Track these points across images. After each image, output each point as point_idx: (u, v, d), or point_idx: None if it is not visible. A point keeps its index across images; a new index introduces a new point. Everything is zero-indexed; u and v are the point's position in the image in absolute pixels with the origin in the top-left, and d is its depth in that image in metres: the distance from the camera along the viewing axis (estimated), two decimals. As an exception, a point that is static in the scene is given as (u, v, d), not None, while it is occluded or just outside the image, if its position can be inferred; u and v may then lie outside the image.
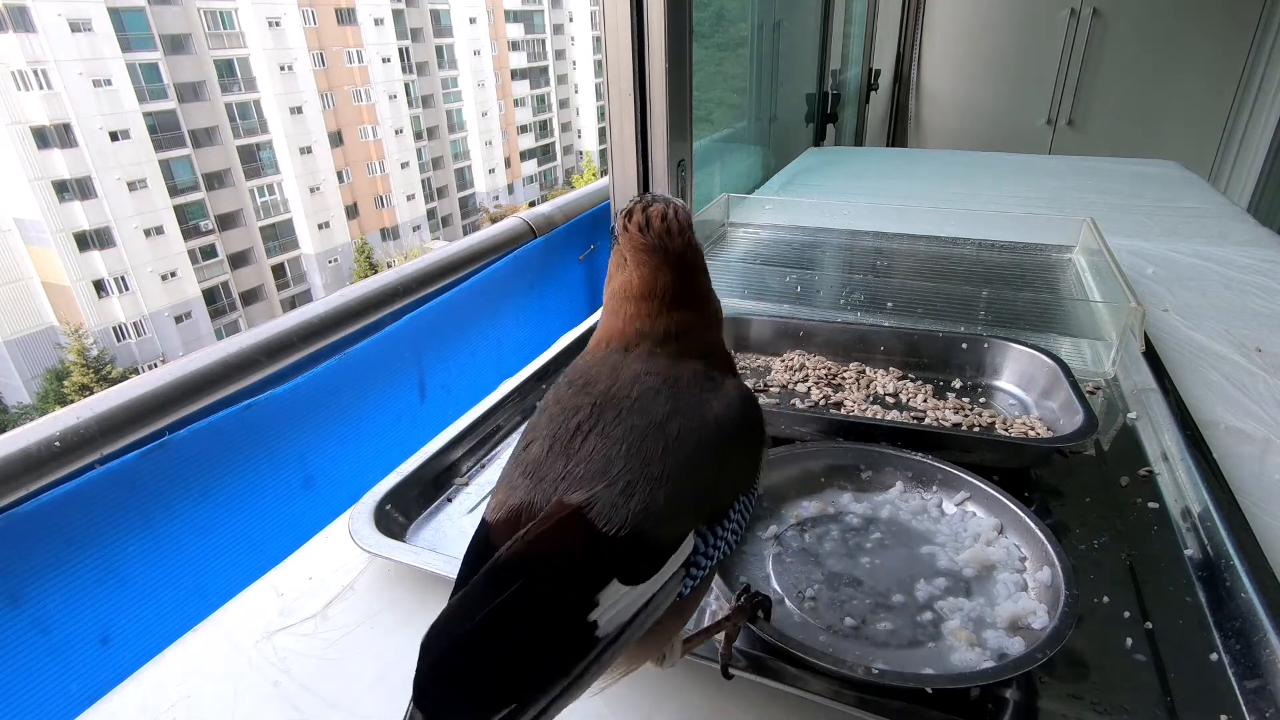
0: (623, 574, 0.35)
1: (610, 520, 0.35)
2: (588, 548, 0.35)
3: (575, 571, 0.34)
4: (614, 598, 0.34)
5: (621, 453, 0.38)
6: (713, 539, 0.39)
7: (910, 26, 3.70)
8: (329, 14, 23.74)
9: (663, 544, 0.36)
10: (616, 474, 0.37)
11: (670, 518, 0.37)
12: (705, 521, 0.39)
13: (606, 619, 0.34)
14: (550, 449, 0.39)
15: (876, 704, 0.46)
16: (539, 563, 0.34)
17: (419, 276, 1.04)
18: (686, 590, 0.38)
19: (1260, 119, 3.12)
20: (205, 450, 0.73)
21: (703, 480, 0.39)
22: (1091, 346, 0.95)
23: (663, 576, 0.36)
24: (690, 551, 0.38)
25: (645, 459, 0.38)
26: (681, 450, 0.38)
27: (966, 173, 2.12)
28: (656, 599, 0.36)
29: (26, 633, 0.60)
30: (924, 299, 0.99)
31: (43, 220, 18.08)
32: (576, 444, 0.39)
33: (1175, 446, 0.71)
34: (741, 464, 0.42)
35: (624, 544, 0.35)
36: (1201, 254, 1.38)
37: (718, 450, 0.40)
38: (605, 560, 0.35)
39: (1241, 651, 0.50)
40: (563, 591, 0.34)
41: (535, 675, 0.32)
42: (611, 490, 0.36)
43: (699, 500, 0.39)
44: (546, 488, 0.38)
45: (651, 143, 1.26)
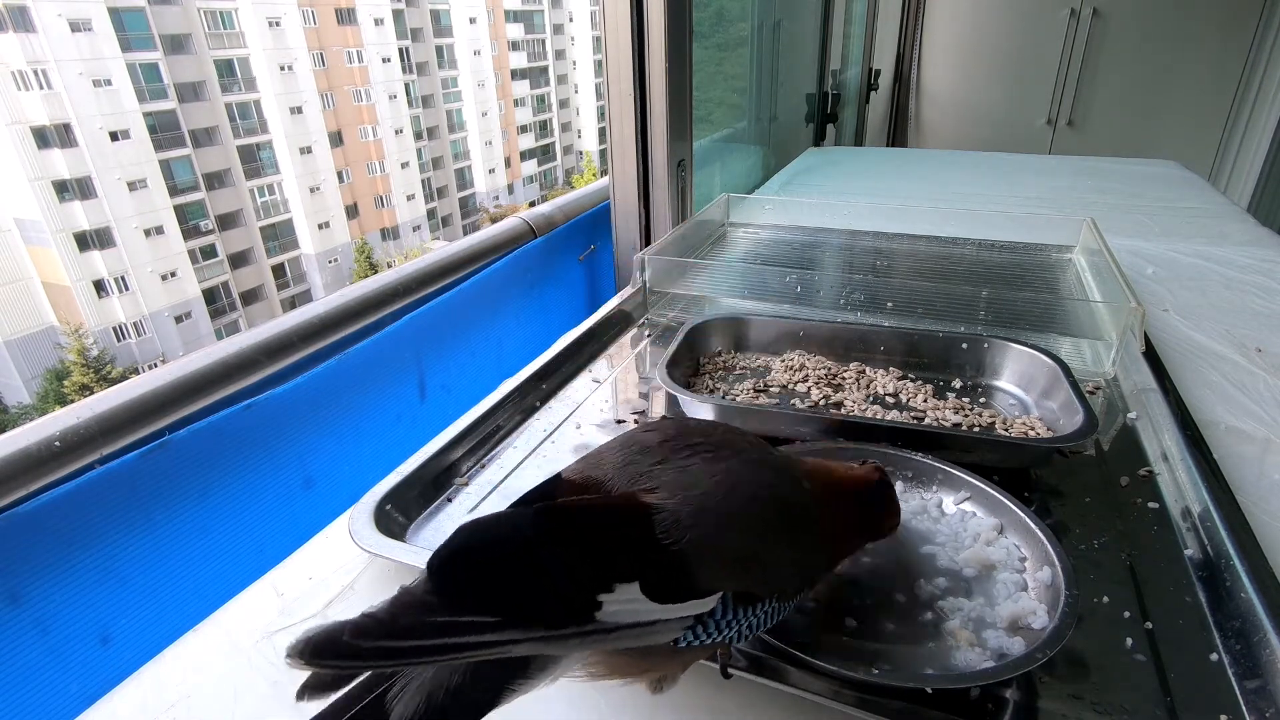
0: (646, 583, 0.35)
1: (667, 532, 0.36)
2: (635, 541, 0.36)
3: (612, 553, 0.36)
4: (626, 596, 0.35)
5: (709, 482, 0.39)
6: (731, 615, 0.39)
7: (910, 26, 3.70)
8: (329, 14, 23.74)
9: (694, 583, 0.37)
10: (695, 496, 0.38)
11: (713, 565, 0.37)
12: (735, 594, 0.39)
13: (611, 609, 0.34)
14: (660, 444, 0.41)
15: (876, 704, 0.46)
16: (591, 525, 0.36)
17: (419, 276, 1.04)
18: (683, 643, 0.38)
19: (1260, 119, 3.12)
20: (205, 450, 0.73)
21: (757, 558, 0.40)
22: (1091, 346, 0.95)
23: (674, 611, 0.36)
24: (708, 610, 0.38)
25: (727, 501, 0.39)
26: (758, 520, 0.40)
27: (966, 173, 2.12)
28: (657, 627, 0.36)
29: (26, 633, 0.60)
30: (924, 299, 0.99)
31: (43, 220, 18.09)
32: (683, 455, 0.41)
33: (1175, 446, 0.71)
34: (791, 576, 0.43)
35: (665, 559, 0.36)
36: (1202, 254, 1.38)
37: (785, 549, 0.41)
38: (642, 561, 0.36)
39: (1241, 651, 0.50)
40: (591, 562, 0.35)
41: (528, 610, 0.33)
42: (683, 508, 0.37)
43: (744, 569, 0.39)
44: (628, 478, 0.39)
45: (651, 143, 1.26)
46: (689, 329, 0.93)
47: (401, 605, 0.32)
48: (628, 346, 1.04)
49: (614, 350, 1.02)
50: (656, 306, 1.15)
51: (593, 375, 0.94)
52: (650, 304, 1.14)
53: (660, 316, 1.13)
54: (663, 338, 1.05)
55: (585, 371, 0.95)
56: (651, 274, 1.12)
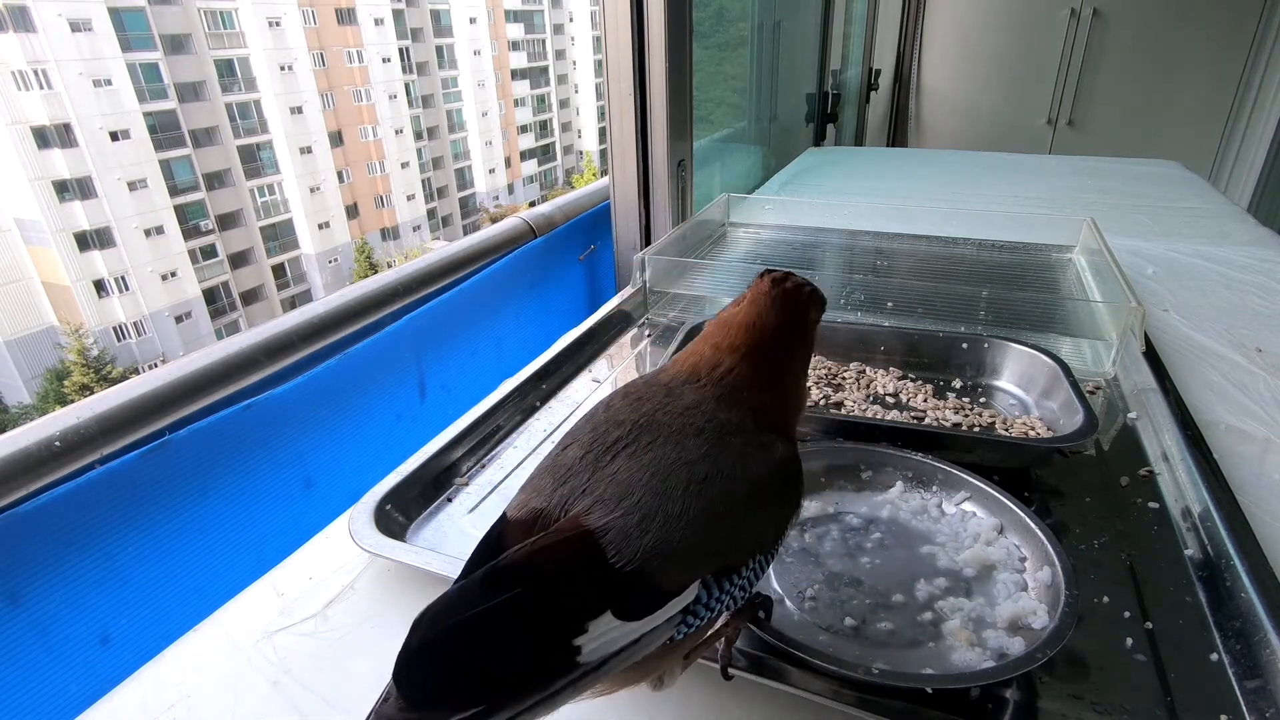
0: (618, 608, 0.34)
1: (620, 552, 0.35)
2: (589, 575, 0.35)
3: (571, 596, 0.34)
4: (604, 628, 0.34)
5: (644, 481, 0.37)
6: (718, 592, 0.38)
7: (910, 26, 3.70)
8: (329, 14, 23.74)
9: (665, 587, 0.36)
10: (635, 503, 0.36)
11: (679, 562, 0.36)
12: (714, 572, 0.38)
13: (591, 648, 0.33)
14: (582, 458, 0.39)
15: (876, 704, 0.46)
16: (538, 577, 0.34)
17: (419, 276, 1.04)
18: (679, 635, 0.38)
19: (1260, 119, 3.12)
20: (205, 450, 0.73)
21: (721, 532, 0.38)
22: (1092, 346, 0.95)
23: (658, 619, 0.36)
24: (692, 600, 0.37)
25: (667, 494, 0.37)
26: (705, 495, 0.38)
27: (966, 173, 2.12)
28: (647, 638, 0.36)
29: (26, 633, 0.60)
30: (924, 299, 0.99)
31: (43, 220, 18.09)
32: (606, 460, 0.39)
33: (1175, 446, 0.71)
34: (765, 526, 0.41)
35: (626, 579, 0.35)
36: (1202, 254, 1.38)
37: (743, 506, 0.39)
38: (603, 591, 0.34)
39: (1241, 651, 0.50)
40: (554, 612, 0.34)
41: (510, 684, 0.32)
42: (628, 520, 0.36)
43: (712, 551, 0.38)
44: (568, 498, 0.38)
45: (651, 143, 1.26)
46: (689, 329, 0.93)
47: None
48: (628, 346, 1.04)
49: (614, 350, 1.02)
50: (656, 306, 1.15)
51: (593, 375, 0.94)
52: (650, 304, 1.14)
53: (660, 316, 1.13)
54: (663, 338, 1.05)
55: (585, 371, 0.95)
56: (651, 274, 1.12)
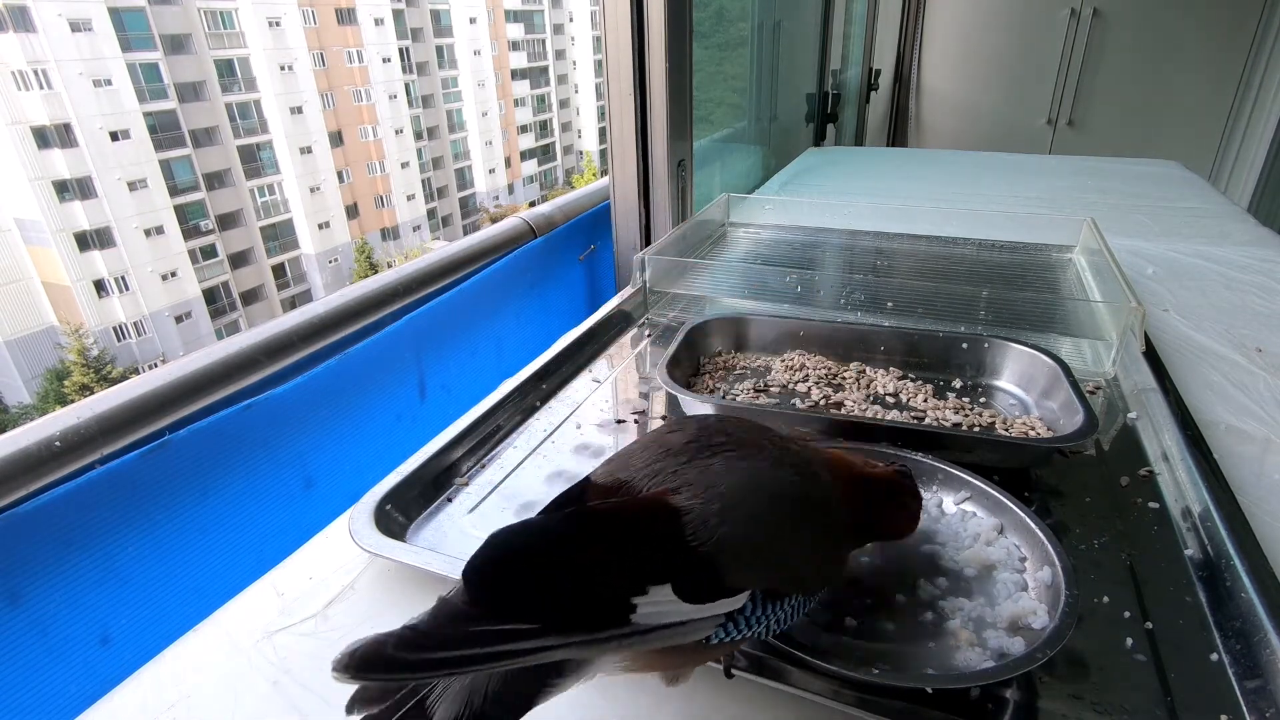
0: (678, 584, 0.36)
1: (696, 533, 0.37)
2: (665, 543, 0.37)
3: (643, 556, 0.36)
4: (661, 598, 0.36)
5: (734, 482, 0.40)
6: (760, 612, 0.39)
7: (910, 26, 3.70)
8: (329, 14, 23.74)
9: (723, 583, 0.37)
10: (718, 494, 0.39)
11: (742, 562, 0.38)
12: (765, 590, 0.39)
13: (645, 611, 0.35)
14: (684, 446, 0.42)
15: (876, 704, 0.46)
16: (620, 529, 0.37)
17: (419, 276, 1.04)
18: (715, 640, 0.39)
19: (1260, 119, 3.12)
20: (205, 450, 0.73)
21: (781, 553, 0.40)
22: (1092, 346, 0.95)
23: (706, 610, 0.37)
24: (738, 607, 0.38)
25: (748, 501, 0.39)
26: (779, 515, 0.40)
27: (966, 173, 2.12)
28: (692, 625, 0.37)
29: (26, 633, 0.60)
30: (924, 299, 0.99)
31: (43, 220, 18.09)
32: (704, 456, 0.41)
33: (1175, 446, 0.71)
34: (813, 572, 0.43)
35: (695, 560, 0.37)
36: (1202, 254, 1.38)
37: (805, 543, 0.42)
38: (672, 563, 0.36)
39: (1242, 651, 0.50)
40: (625, 565, 0.36)
41: (570, 615, 0.34)
42: (709, 507, 0.38)
43: (770, 567, 0.40)
44: (655, 479, 0.40)
45: (651, 143, 1.26)
46: (689, 329, 0.93)
47: (442, 616, 0.33)
48: (628, 346, 1.04)
49: (614, 350, 1.02)
50: (656, 306, 1.15)
51: (593, 375, 0.94)
52: (650, 304, 1.14)
53: (660, 316, 1.13)
54: (663, 338, 1.05)
55: (585, 371, 0.95)
56: (651, 274, 1.12)
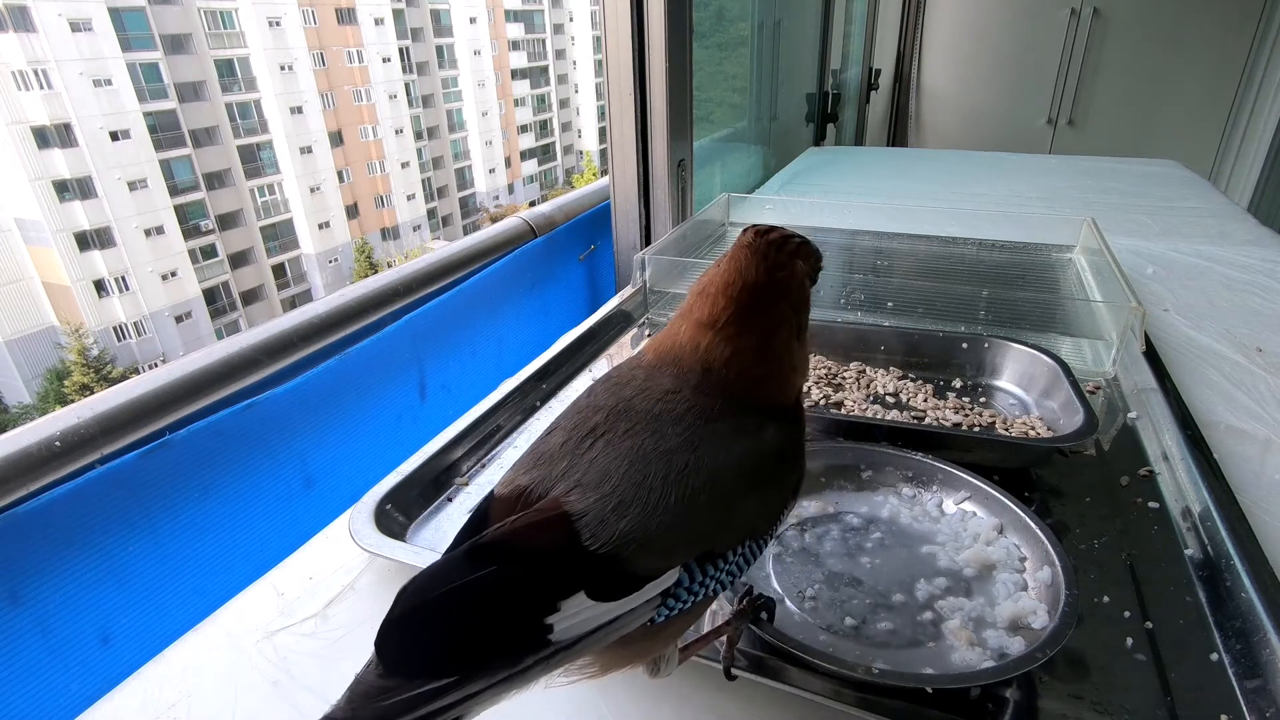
0: (591, 589, 0.35)
1: (595, 535, 0.35)
2: (563, 555, 0.35)
3: (544, 574, 0.35)
4: (576, 608, 0.34)
5: (621, 469, 0.37)
6: (701, 576, 0.38)
7: (910, 26, 3.70)
8: (329, 14, 23.74)
9: (641, 571, 0.36)
10: (611, 489, 0.37)
11: (656, 547, 0.36)
12: (697, 557, 0.38)
13: (564, 626, 0.34)
14: (564, 444, 0.40)
15: (877, 704, 0.46)
16: (514, 555, 0.35)
17: (419, 276, 1.04)
18: (660, 618, 0.38)
19: (1260, 119, 3.12)
20: (205, 450, 0.73)
21: (703, 519, 0.38)
22: (1092, 346, 0.95)
23: (633, 601, 0.36)
24: (672, 583, 0.37)
25: (643, 482, 0.37)
26: (685, 484, 0.37)
27: (967, 173, 2.12)
28: (623, 619, 0.36)
29: (27, 633, 0.60)
30: (924, 299, 0.99)
31: (43, 220, 18.09)
32: (585, 447, 0.39)
33: (1175, 446, 0.71)
34: (755, 510, 0.41)
35: (600, 562, 0.35)
36: (1202, 254, 1.38)
37: (728, 493, 0.39)
38: (577, 572, 0.35)
39: (1242, 651, 0.50)
40: (527, 589, 0.34)
41: (482, 657, 0.33)
42: (604, 504, 0.36)
43: (693, 537, 0.38)
44: (552, 481, 0.38)
45: (651, 142, 1.26)
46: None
47: (357, 698, 0.32)
48: (628, 346, 1.04)
49: (614, 350, 1.02)
50: (657, 306, 1.15)
51: (593, 375, 0.94)
52: (650, 304, 1.14)
53: (661, 316, 1.13)
54: (663, 337, 1.05)
55: (585, 371, 0.95)
56: (652, 274, 1.12)
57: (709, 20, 1.75)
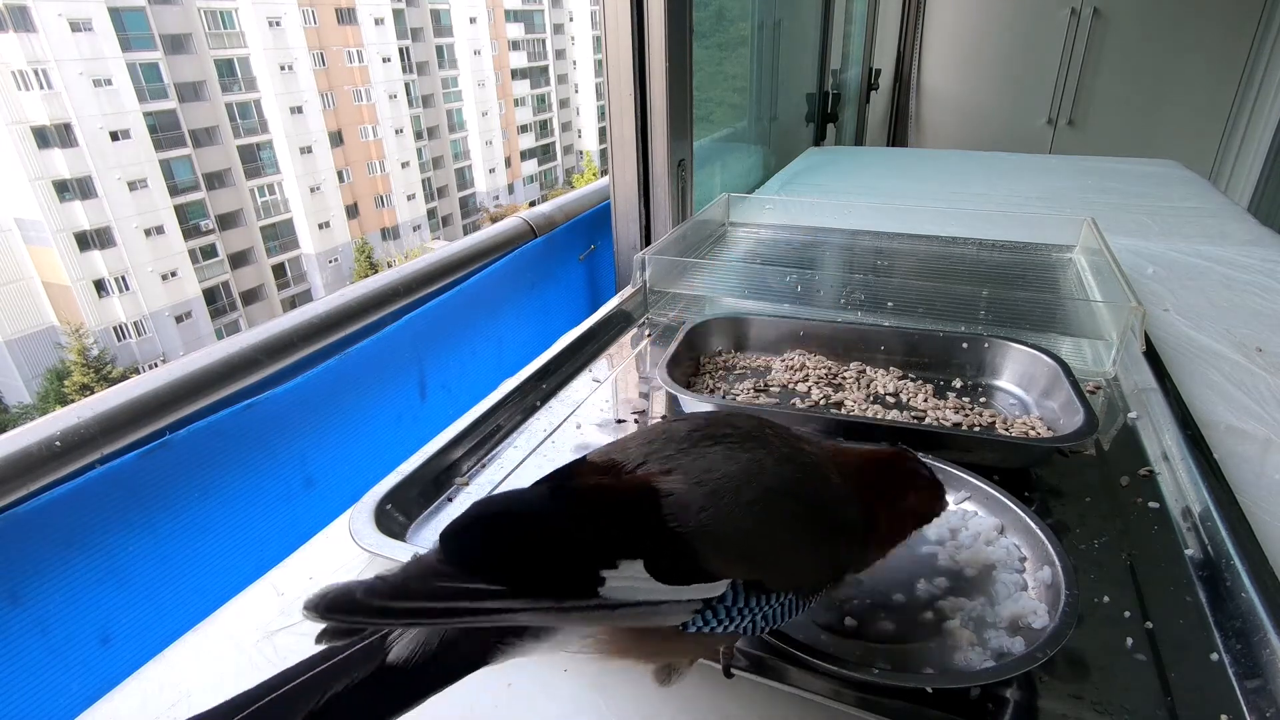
0: (650, 562, 0.36)
1: (675, 514, 0.37)
2: (639, 519, 0.37)
3: (615, 531, 0.37)
4: (631, 573, 0.35)
5: (728, 472, 0.40)
6: (742, 603, 0.39)
7: (911, 26, 3.70)
8: (329, 14, 23.73)
9: (700, 566, 0.37)
10: (709, 480, 0.39)
11: (722, 551, 0.38)
12: (748, 582, 0.39)
13: (614, 585, 0.35)
14: (685, 435, 0.42)
15: (877, 704, 0.46)
16: (598, 505, 0.38)
17: (419, 276, 1.04)
18: (691, 628, 0.38)
19: (1260, 119, 3.12)
20: (206, 450, 0.73)
21: (769, 547, 0.40)
22: (1092, 346, 0.95)
23: (679, 594, 0.37)
24: (717, 596, 0.38)
25: (740, 491, 0.39)
26: (772, 509, 0.40)
27: (967, 172, 2.12)
28: (665, 607, 0.37)
29: (27, 632, 0.60)
30: (924, 299, 0.99)
31: (43, 220, 18.08)
32: (704, 445, 0.41)
33: (1176, 446, 0.71)
34: (810, 570, 0.43)
35: (669, 540, 0.37)
36: (1202, 254, 1.38)
37: (798, 537, 0.41)
38: (644, 539, 0.37)
39: (1242, 651, 0.50)
40: (596, 538, 0.36)
41: (534, 581, 0.34)
42: (693, 494, 0.38)
43: (755, 558, 0.39)
44: (652, 461, 0.40)
45: (651, 142, 1.26)
46: (689, 329, 0.93)
47: (412, 570, 0.34)
48: (628, 346, 1.04)
49: (614, 350, 1.02)
50: (657, 306, 1.15)
51: (593, 375, 0.94)
52: (650, 304, 1.14)
53: (661, 316, 1.13)
54: (663, 337, 1.05)
55: (585, 371, 0.95)
56: (652, 274, 1.12)
57: (709, 20, 1.75)
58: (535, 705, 0.49)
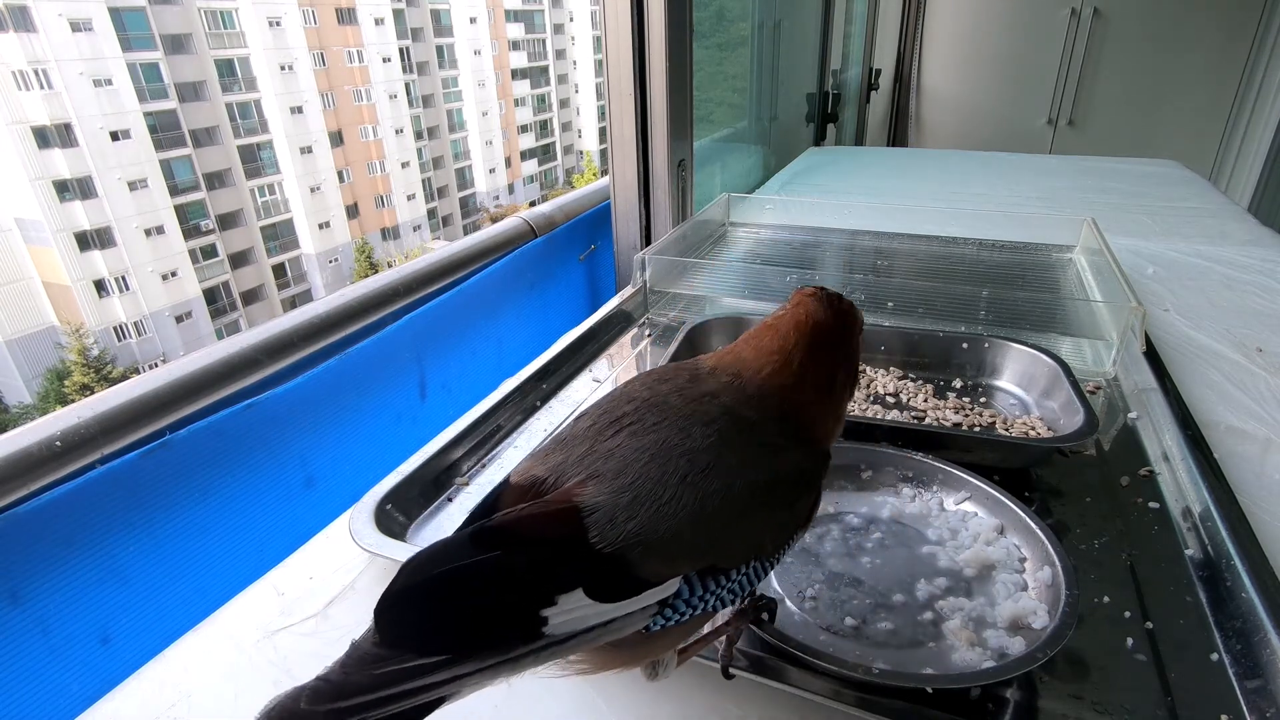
0: (590, 587, 0.34)
1: (602, 533, 0.35)
2: (566, 550, 0.35)
3: (545, 567, 0.35)
4: (573, 604, 0.34)
5: (641, 463, 0.37)
6: (701, 591, 0.37)
7: (911, 26, 3.70)
8: (329, 14, 23.73)
9: (642, 575, 0.35)
10: (628, 484, 0.36)
11: (660, 554, 0.36)
12: (700, 570, 0.37)
13: (558, 621, 0.34)
14: (589, 428, 0.40)
15: (877, 704, 0.46)
16: (518, 543, 0.35)
17: (419, 276, 1.04)
18: (655, 626, 0.37)
19: (1260, 119, 3.12)
20: (206, 450, 0.73)
21: (711, 531, 0.37)
22: (1092, 346, 0.95)
23: (630, 606, 0.35)
24: (671, 594, 0.36)
25: (661, 481, 0.37)
26: (700, 488, 0.37)
27: (967, 173, 2.12)
28: (618, 623, 0.35)
29: (27, 632, 0.60)
30: (925, 299, 0.99)
31: (43, 220, 18.08)
32: (608, 435, 0.39)
33: (1176, 446, 0.71)
34: (762, 530, 0.40)
35: (603, 560, 0.35)
36: (1202, 254, 1.38)
37: (740, 507, 0.38)
38: (578, 568, 0.35)
39: (1242, 651, 0.50)
40: (526, 579, 0.34)
41: (475, 640, 0.33)
42: (616, 500, 0.36)
43: (699, 549, 0.37)
44: (568, 468, 0.38)
45: (652, 142, 1.26)
46: (690, 329, 0.93)
47: (350, 664, 0.33)
48: (628, 346, 1.04)
49: (614, 350, 1.02)
50: (657, 306, 1.15)
51: (593, 375, 0.94)
52: (651, 304, 1.14)
53: (661, 316, 1.13)
54: (663, 337, 1.05)
55: (586, 371, 0.95)
56: (652, 274, 1.12)
57: (709, 20, 1.75)
58: (535, 705, 0.49)
